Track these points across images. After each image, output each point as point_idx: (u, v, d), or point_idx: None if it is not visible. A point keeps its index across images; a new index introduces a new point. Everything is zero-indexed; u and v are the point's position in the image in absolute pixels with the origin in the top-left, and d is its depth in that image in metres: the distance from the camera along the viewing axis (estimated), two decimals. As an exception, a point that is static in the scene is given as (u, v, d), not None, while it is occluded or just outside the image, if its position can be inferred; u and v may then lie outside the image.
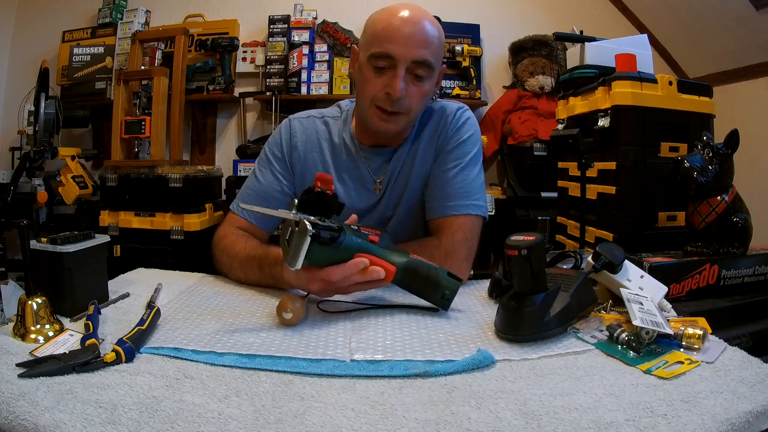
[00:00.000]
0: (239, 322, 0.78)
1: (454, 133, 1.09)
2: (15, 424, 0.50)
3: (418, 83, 0.99)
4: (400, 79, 0.96)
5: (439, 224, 1.05)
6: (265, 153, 1.13)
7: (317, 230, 0.72)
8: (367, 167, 1.10)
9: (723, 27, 2.39)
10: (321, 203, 0.77)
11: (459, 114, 1.11)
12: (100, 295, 0.84)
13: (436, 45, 0.99)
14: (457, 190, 1.05)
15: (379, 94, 0.99)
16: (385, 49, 0.96)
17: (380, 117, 1.01)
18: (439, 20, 2.38)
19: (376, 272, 0.79)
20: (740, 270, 1.28)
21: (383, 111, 1.00)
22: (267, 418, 0.51)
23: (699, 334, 0.67)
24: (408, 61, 0.96)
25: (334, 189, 0.79)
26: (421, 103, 1.03)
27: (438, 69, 1.04)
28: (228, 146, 3.04)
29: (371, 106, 1.01)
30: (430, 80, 1.02)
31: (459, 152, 1.08)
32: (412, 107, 1.01)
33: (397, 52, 0.95)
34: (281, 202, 1.08)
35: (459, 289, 0.84)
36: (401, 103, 0.99)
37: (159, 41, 2.79)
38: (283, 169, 1.11)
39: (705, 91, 1.60)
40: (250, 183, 1.13)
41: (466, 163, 1.07)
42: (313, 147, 1.12)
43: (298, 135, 1.12)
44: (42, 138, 2.17)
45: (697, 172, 1.23)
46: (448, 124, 1.10)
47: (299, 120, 1.15)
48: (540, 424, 0.50)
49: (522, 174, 2.70)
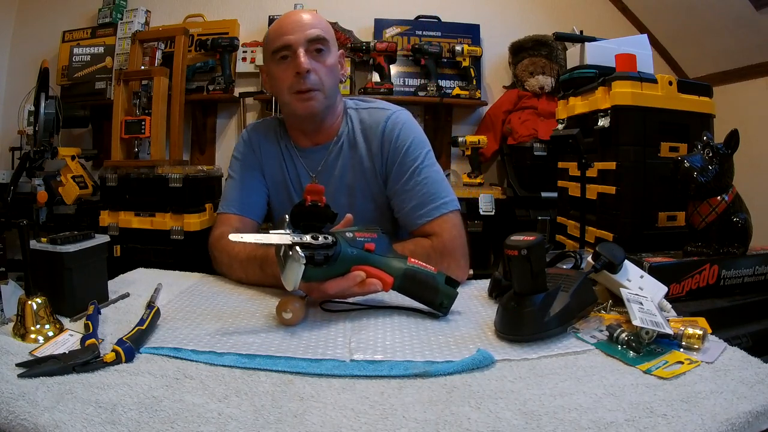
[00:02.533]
0: (239, 322, 0.78)
1: (394, 147, 1.11)
2: (15, 424, 0.50)
3: (320, 58, 1.07)
4: (302, 56, 1.04)
5: (422, 233, 1.06)
6: (234, 157, 1.22)
7: (311, 252, 0.72)
8: (303, 166, 1.17)
9: (723, 27, 2.39)
10: (314, 215, 0.77)
11: (390, 126, 1.12)
12: (100, 295, 0.84)
13: (324, 25, 1.10)
14: (424, 196, 1.07)
15: (291, 81, 1.06)
16: (281, 41, 1.06)
17: (299, 99, 1.07)
18: (439, 20, 2.39)
19: (373, 285, 0.80)
20: (740, 270, 1.28)
21: (300, 93, 1.06)
22: (267, 418, 0.51)
23: (699, 334, 0.67)
24: (303, 42, 1.05)
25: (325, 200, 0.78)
26: (330, 78, 1.09)
27: (335, 48, 1.12)
28: (228, 146, 3.04)
29: (290, 95, 1.08)
30: (330, 55, 1.09)
31: (408, 161, 1.10)
32: (322, 81, 1.07)
33: (292, 39, 1.05)
34: (263, 192, 1.19)
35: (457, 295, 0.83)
36: (311, 77, 1.05)
37: (159, 41, 2.79)
38: (254, 165, 1.19)
39: (705, 91, 1.60)
40: (229, 184, 1.19)
41: (420, 167, 1.09)
42: (268, 147, 1.20)
43: (254, 138, 1.21)
44: (42, 138, 2.17)
45: (697, 172, 1.23)
46: (384, 137, 1.12)
47: (253, 125, 1.25)
48: (540, 424, 0.50)
49: (522, 174, 2.69)
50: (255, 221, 1.15)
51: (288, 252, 0.72)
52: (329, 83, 1.09)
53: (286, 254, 0.73)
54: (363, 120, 1.16)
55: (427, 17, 2.95)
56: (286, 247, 0.73)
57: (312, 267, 0.73)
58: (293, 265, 0.71)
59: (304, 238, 0.73)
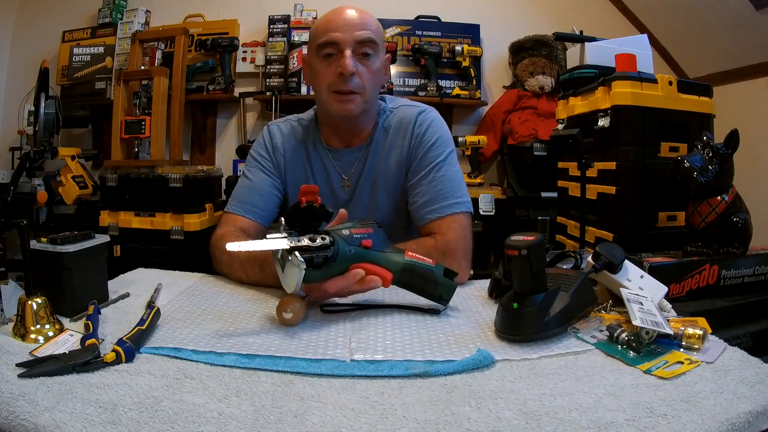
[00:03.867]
0: (239, 322, 0.78)
1: (420, 141, 1.11)
2: (15, 424, 0.50)
3: (366, 62, 1.05)
4: (349, 58, 1.02)
5: (429, 229, 1.06)
6: (252, 155, 1.19)
7: (310, 255, 0.72)
8: (335, 167, 1.15)
9: (723, 27, 2.39)
10: (310, 216, 0.77)
11: (421, 119, 1.13)
12: (100, 295, 0.84)
13: (374, 26, 1.07)
14: (438, 193, 1.07)
15: (333, 79, 1.04)
16: (328, 37, 1.03)
17: (338, 99, 1.05)
18: (439, 20, 2.39)
19: (373, 282, 0.80)
20: (740, 270, 1.28)
21: (339, 93, 1.05)
22: (267, 418, 0.51)
23: (699, 334, 0.67)
24: (352, 42, 1.03)
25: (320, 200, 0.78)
26: (372, 82, 1.07)
27: (382, 52, 1.10)
28: (228, 146, 3.04)
29: (329, 93, 1.06)
30: (377, 59, 1.08)
31: (430, 157, 1.10)
32: (365, 86, 1.06)
33: (340, 38, 1.03)
34: (275, 197, 1.15)
35: (457, 285, 0.84)
36: (354, 80, 1.04)
37: (159, 41, 2.79)
38: (272, 166, 1.17)
39: (705, 91, 1.60)
40: (242, 183, 1.17)
41: (440, 164, 1.09)
42: (291, 148, 1.18)
43: (278, 137, 1.18)
44: (42, 138, 2.17)
45: (697, 172, 1.23)
46: (412, 133, 1.12)
47: (276, 124, 1.22)
48: (540, 424, 0.50)
49: (522, 174, 2.70)
50: (261, 225, 1.13)
51: (287, 257, 0.72)
52: (371, 88, 1.07)
53: (285, 258, 0.73)
54: (395, 117, 1.15)
55: (427, 17, 2.95)
56: (284, 252, 0.73)
57: (311, 270, 0.73)
58: (293, 271, 0.71)
59: (302, 241, 0.73)
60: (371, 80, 1.07)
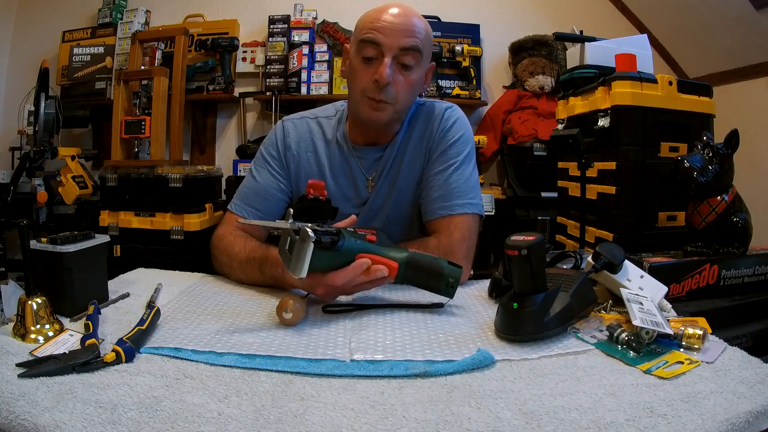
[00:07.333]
0: (239, 322, 0.78)
1: (444, 135, 1.10)
2: (15, 424, 0.50)
3: (405, 73, 1.02)
4: (387, 66, 0.98)
5: (437, 225, 1.05)
6: (261, 153, 1.16)
7: (318, 235, 0.72)
8: (359, 166, 1.12)
9: (723, 27, 2.39)
10: (315, 210, 0.77)
11: (448, 114, 1.12)
12: (100, 295, 0.84)
13: (423, 36, 1.02)
14: (452, 190, 1.06)
15: (368, 85, 1.01)
16: (372, 36, 0.99)
17: (369, 105, 1.03)
18: (439, 20, 2.38)
19: (379, 271, 0.80)
20: (740, 270, 1.28)
21: (372, 99, 1.02)
22: (267, 418, 0.51)
23: (699, 334, 0.67)
24: (394, 49, 0.99)
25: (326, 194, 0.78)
26: (407, 94, 1.04)
27: (427, 61, 1.06)
28: (228, 146, 3.04)
29: (362, 97, 1.03)
30: (418, 70, 1.03)
31: (451, 153, 1.09)
32: (398, 97, 1.03)
33: (383, 41, 0.99)
34: (279, 200, 1.12)
35: (459, 285, 0.84)
36: (388, 91, 1.00)
37: (159, 41, 2.79)
38: (280, 167, 1.13)
39: (705, 91, 1.60)
40: (248, 182, 1.14)
41: (459, 162, 1.08)
42: (306, 147, 1.14)
43: (291, 135, 1.15)
44: (42, 138, 2.16)
45: (697, 172, 1.23)
46: (437, 126, 1.11)
47: (292, 121, 1.18)
48: (540, 424, 0.50)
49: (522, 174, 2.70)
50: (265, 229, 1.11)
51: (295, 237, 0.72)
52: (405, 99, 1.04)
53: (294, 240, 0.73)
54: (422, 110, 1.13)
55: (427, 17, 2.94)
56: (293, 234, 0.73)
57: (319, 251, 0.73)
58: (303, 246, 0.71)
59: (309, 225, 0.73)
60: (407, 92, 1.03)
